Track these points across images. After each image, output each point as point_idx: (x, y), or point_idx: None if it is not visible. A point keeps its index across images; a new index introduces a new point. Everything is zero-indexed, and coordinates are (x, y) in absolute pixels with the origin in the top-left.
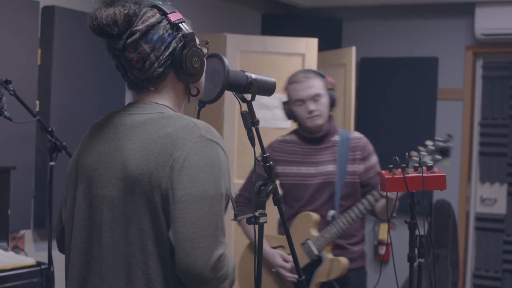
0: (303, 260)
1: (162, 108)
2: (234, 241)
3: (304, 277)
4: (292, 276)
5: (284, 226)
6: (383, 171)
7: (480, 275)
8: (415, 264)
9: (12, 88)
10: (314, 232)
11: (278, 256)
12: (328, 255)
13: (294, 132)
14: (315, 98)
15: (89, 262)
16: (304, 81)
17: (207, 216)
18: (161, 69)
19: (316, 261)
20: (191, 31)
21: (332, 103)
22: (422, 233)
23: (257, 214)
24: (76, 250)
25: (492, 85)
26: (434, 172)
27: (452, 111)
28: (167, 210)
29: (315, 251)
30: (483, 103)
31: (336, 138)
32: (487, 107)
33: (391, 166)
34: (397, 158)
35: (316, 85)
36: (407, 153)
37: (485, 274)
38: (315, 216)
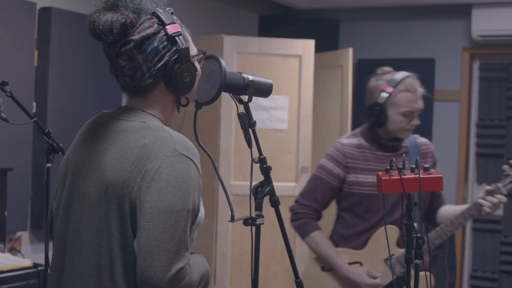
0: (387, 277)
1: (147, 117)
2: (231, 243)
3: (301, 278)
4: None
5: (281, 229)
6: (380, 173)
7: (477, 276)
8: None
9: (9, 90)
10: (398, 247)
11: (364, 274)
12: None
13: (363, 135)
14: (419, 112)
15: (68, 257)
16: (417, 91)
17: (171, 230)
18: (151, 80)
19: (402, 278)
20: (187, 45)
21: None
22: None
23: (254, 215)
24: (57, 243)
25: (489, 86)
26: (431, 174)
27: (449, 112)
28: (135, 220)
29: (401, 268)
30: (480, 104)
31: (406, 144)
32: (484, 108)
33: (388, 167)
34: (393, 159)
35: (421, 97)
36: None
37: (482, 275)
38: (397, 230)
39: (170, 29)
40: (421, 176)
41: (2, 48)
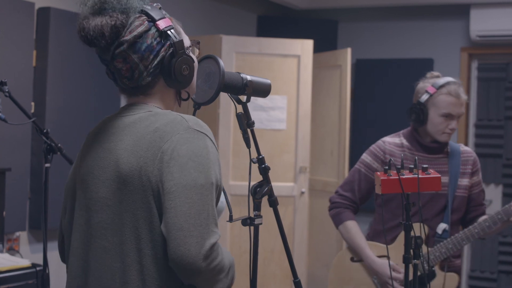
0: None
1: (152, 108)
2: (230, 243)
3: (299, 278)
4: None
5: (280, 229)
6: (378, 173)
7: (475, 277)
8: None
9: (7, 90)
10: (425, 245)
11: (388, 267)
12: (437, 269)
13: (405, 135)
14: (460, 116)
15: (87, 268)
16: (460, 97)
17: (198, 205)
18: (149, 78)
19: (427, 275)
20: (180, 37)
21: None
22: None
23: (252, 215)
24: (74, 257)
25: (488, 86)
26: (429, 174)
27: None
28: (159, 204)
29: (427, 265)
30: (479, 104)
31: (448, 149)
32: (483, 108)
33: (386, 167)
34: (392, 159)
35: (464, 103)
36: None
37: (480, 275)
38: (426, 228)
39: (161, 24)
40: (419, 176)
41: (0, 48)
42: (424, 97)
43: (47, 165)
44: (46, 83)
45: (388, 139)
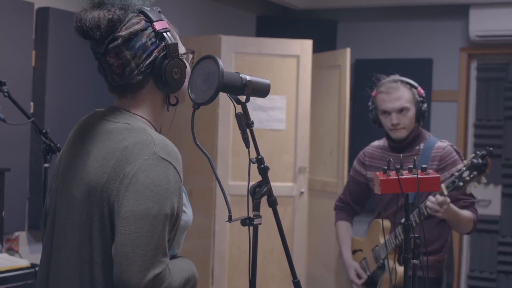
0: (373, 266)
1: (131, 119)
2: (229, 243)
3: (298, 279)
4: None
5: (279, 229)
6: (378, 173)
7: (475, 277)
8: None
9: (6, 90)
10: (382, 239)
11: (352, 270)
12: (391, 263)
13: (386, 138)
14: (400, 111)
15: (54, 257)
16: (392, 92)
17: (146, 236)
18: (140, 77)
19: (382, 268)
20: (175, 41)
21: (421, 114)
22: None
23: (251, 215)
24: (46, 242)
25: (487, 86)
26: (428, 174)
27: (447, 112)
28: (113, 223)
29: (380, 258)
30: (478, 104)
31: (420, 147)
32: (482, 108)
33: (386, 167)
34: (391, 159)
35: (404, 97)
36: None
37: (480, 275)
38: (386, 223)
39: (158, 25)
40: (418, 176)
41: (0, 48)
42: (371, 101)
43: (46, 165)
44: (45, 83)
45: (375, 142)
